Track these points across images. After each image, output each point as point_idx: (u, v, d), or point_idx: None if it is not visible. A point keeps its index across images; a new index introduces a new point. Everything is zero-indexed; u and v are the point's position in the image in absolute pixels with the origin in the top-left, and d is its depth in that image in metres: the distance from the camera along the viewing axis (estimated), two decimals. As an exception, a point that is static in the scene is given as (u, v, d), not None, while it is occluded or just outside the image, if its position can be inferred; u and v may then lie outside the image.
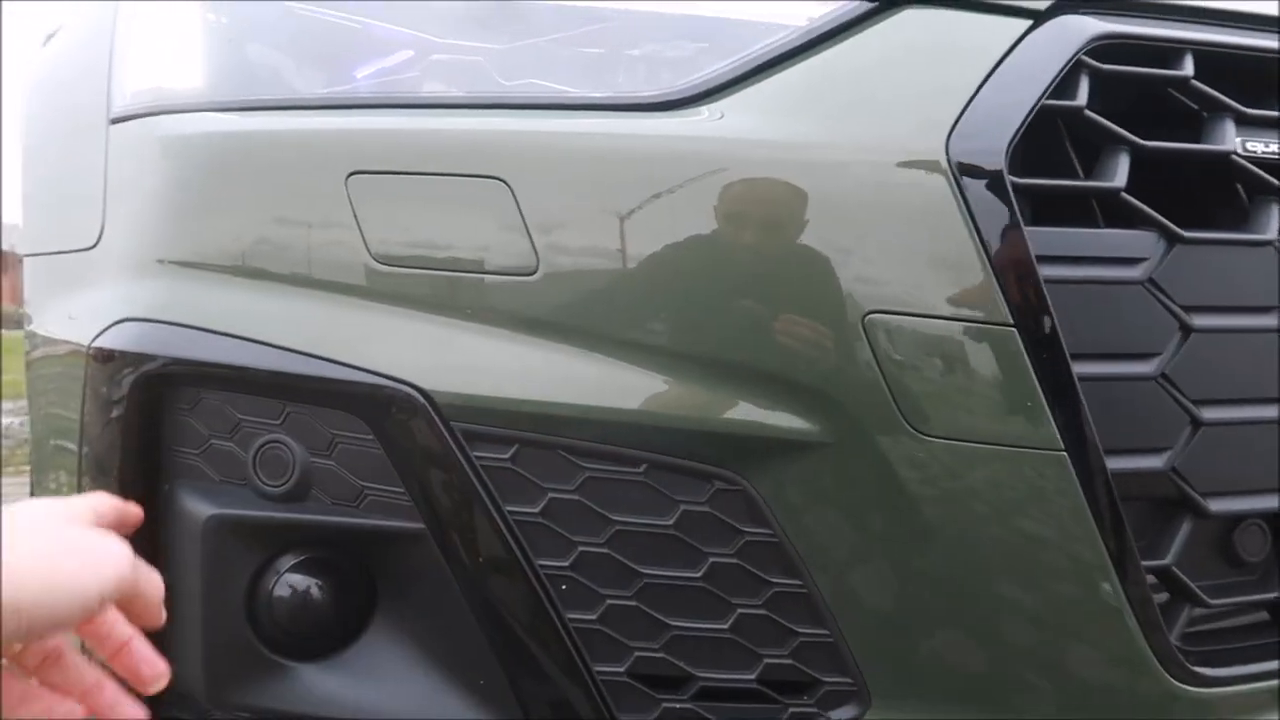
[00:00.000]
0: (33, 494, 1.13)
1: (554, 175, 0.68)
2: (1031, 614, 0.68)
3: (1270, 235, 0.72)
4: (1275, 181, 0.73)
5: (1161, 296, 0.69)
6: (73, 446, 0.83)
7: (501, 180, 0.68)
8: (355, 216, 0.70)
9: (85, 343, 0.79)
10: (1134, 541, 0.67)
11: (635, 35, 0.81)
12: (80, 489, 0.82)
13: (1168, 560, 0.69)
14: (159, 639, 0.78)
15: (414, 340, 0.69)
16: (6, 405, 6.59)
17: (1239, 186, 0.76)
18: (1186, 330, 0.69)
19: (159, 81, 0.85)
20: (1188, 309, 0.69)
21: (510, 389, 0.67)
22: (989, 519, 0.66)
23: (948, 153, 0.66)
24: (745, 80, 0.70)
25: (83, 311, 0.83)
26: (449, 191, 0.69)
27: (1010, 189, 0.66)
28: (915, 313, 0.65)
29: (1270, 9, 0.81)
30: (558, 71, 0.79)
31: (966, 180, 0.65)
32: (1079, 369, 0.66)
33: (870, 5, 0.75)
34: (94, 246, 0.85)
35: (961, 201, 0.65)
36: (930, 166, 0.66)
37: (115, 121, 0.86)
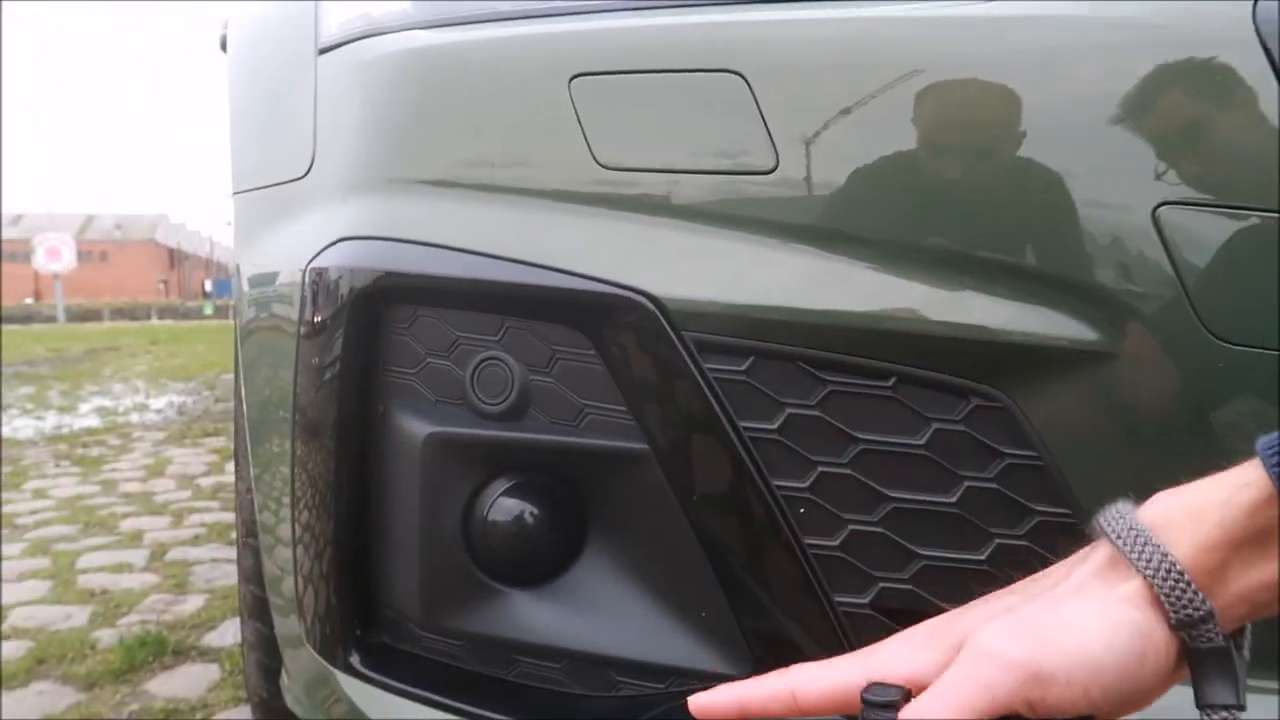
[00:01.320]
0: (237, 444, 1.16)
1: (794, 66, 0.62)
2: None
3: None
4: None
5: None
6: (289, 376, 0.83)
7: (738, 74, 0.63)
8: (579, 121, 0.67)
9: (301, 266, 0.79)
10: None
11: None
12: (294, 433, 0.82)
13: None
14: (370, 555, 0.78)
15: (642, 246, 0.65)
16: (178, 386, 7.04)
17: None
18: None
19: (366, 8, 0.84)
20: None
21: (746, 295, 0.63)
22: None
23: (1255, 19, 0.57)
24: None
25: (296, 239, 0.83)
26: (679, 90, 0.65)
27: (1332, 61, 0.56)
28: (1216, 204, 0.57)
29: None
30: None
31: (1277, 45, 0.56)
32: None
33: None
34: (305, 175, 0.85)
35: (1274, 70, 0.56)
36: (1236, 37, 0.57)
37: (323, 51, 0.86)
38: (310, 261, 0.78)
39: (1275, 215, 0.56)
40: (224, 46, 1.35)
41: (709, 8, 0.68)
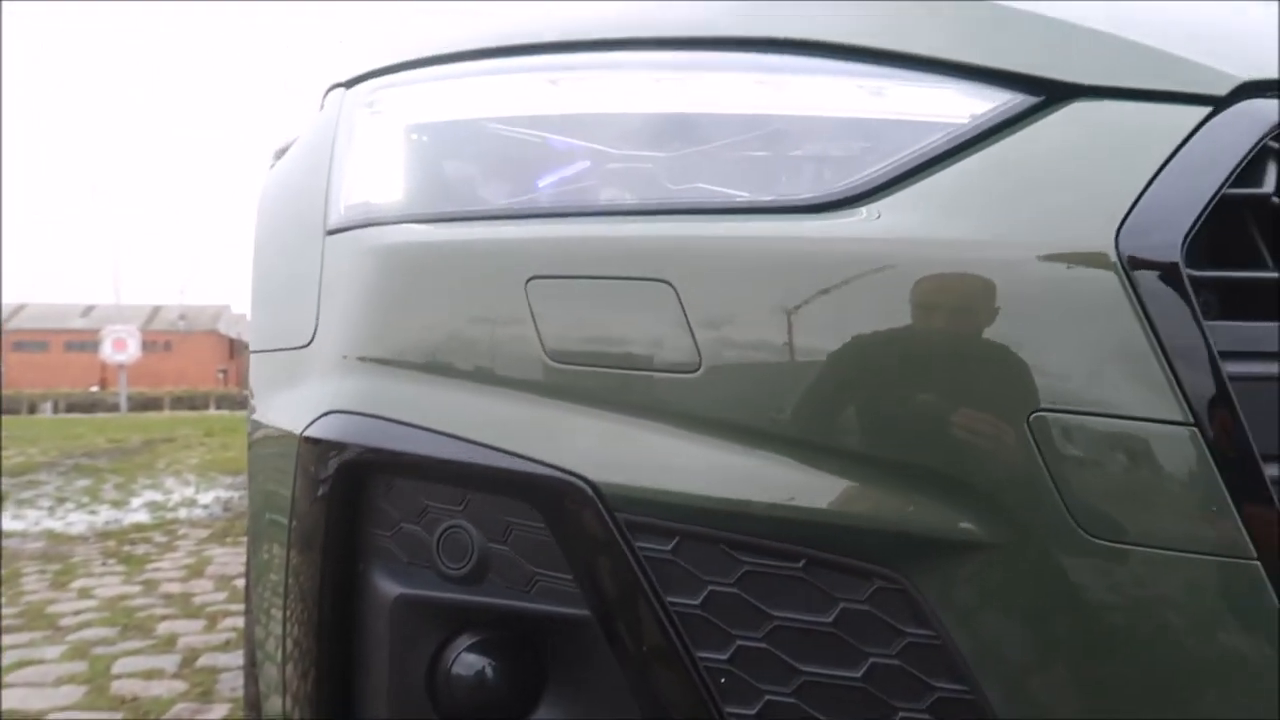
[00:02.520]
0: (249, 561, 1.25)
1: (715, 277, 0.71)
2: (1229, 737, 0.63)
3: None
4: None
5: (1368, 394, 0.64)
6: (284, 521, 0.91)
7: (666, 282, 0.71)
8: (533, 318, 0.76)
9: (297, 431, 0.88)
10: (1347, 662, 0.61)
11: (799, 138, 0.84)
12: (289, 561, 0.90)
13: (1390, 685, 0.63)
14: (349, 701, 0.85)
15: (584, 434, 0.73)
16: (226, 480, 7.23)
17: None
18: (1400, 430, 0.63)
19: (368, 196, 0.95)
20: (1401, 407, 0.64)
21: (673, 482, 0.70)
22: (1170, 632, 0.62)
23: (1118, 247, 0.64)
24: (903, 181, 0.72)
25: (296, 403, 0.93)
26: (617, 294, 0.73)
27: (1187, 282, 0.63)
28: (1085, 411, 0.63)
29: None
30: (723, 175, 0.83)
31: (1139, 275, 0.64)
32: (1272, 471, 0.62)
33: (1035, 100, 0.75)
34: (308, 345, 0.95)
35: (1134, 296, 0.63)
36: (1099, 261, 0.64)
37: (331, 233, 0.96)
38: (305, 429, 0.87)
39: (1137, 421, 0.63)
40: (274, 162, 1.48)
41: (645, 218, 0.77)
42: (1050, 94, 0.75)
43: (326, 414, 0.85)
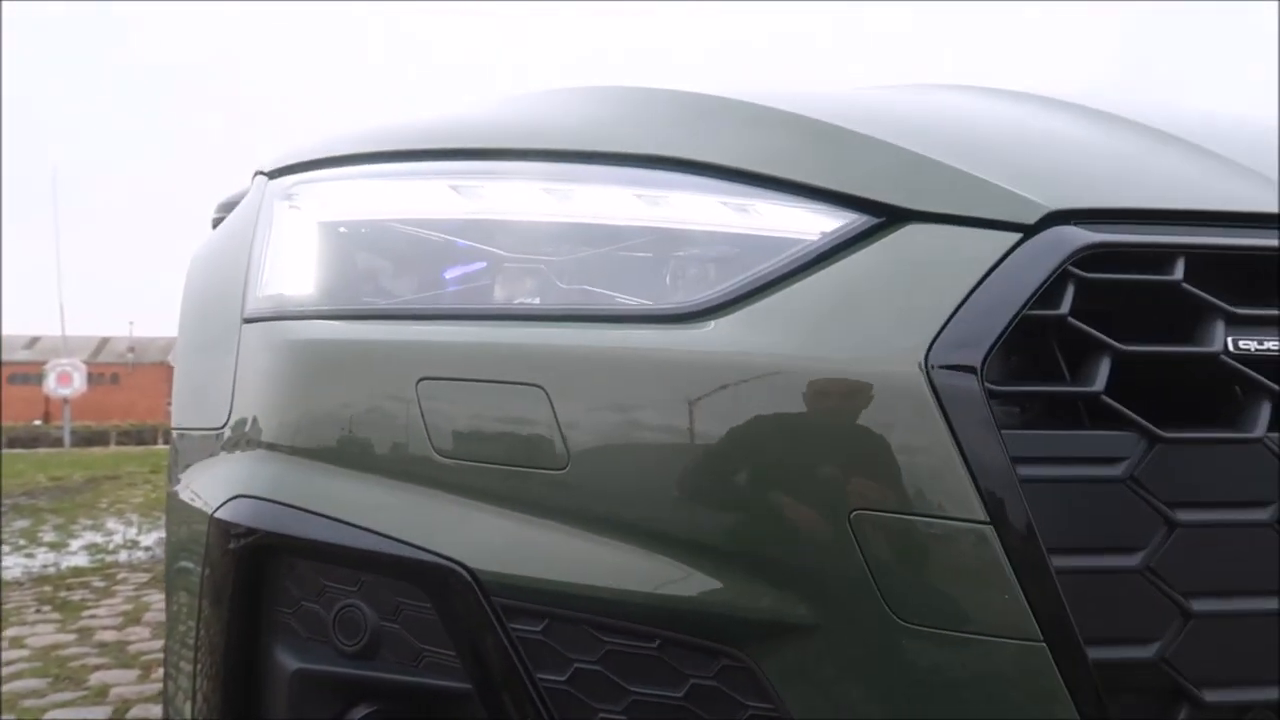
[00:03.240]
0: (168, 606, 1.29)
1: (581, 381, 0.79)
2: (1027, 799, 0.71)
3: (1257, 433, 0.75)
4: (1263, 379, 0.77)
5: (1143, 493, 0.73)
6: (196, 574, 0.97)
7: (539, 386, 0.79)
8: (422, 415, 0.83)
9: (209, 512, 0.94)
10: (1123, 732, 0.70)
11: (675, 246, 0.93)
12: (198, 635, 0.96)
13: (1164, 751, 0.72)
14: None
15: (465, 524, 0.80)
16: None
17: (1236, 387, 0.80)
18: (1171, 524, 0.73)
19: (281, 288, 1.02)
20: (1172, 504, 0.73)
21: (543, 570, 0.77)
22: (974, 707, 0.71)
23: (927, 363, 0.73)
24: (752, 296, 0.81)
25: (210, 483, 0.99)
26: (497, 395, 0.81)
27: (985, 395, 0.73)
28: (897, 511, 0.72)
29: (1270, 207, 0.86)
30: (606, 277, 0.91)
31: (944, 387, 0.73)
32: (1059, 562, 0.71)
33: (876, 220, 0.85)
34: (222, 428, 1.01)
35: (939, 408, 0.72)
36: (911, 375, 0.73)
37: (247, 321, 1.03)
38: (215, 510, 0.94)
39: (941, 520, 0.71)
40: (214, 227, 1.53)
41: (525, 324, 0.85)
42: (889, 216, 0.84)
43: (235, 497, 0.92)
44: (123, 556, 5.55)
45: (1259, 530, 0.75)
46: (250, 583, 0.90)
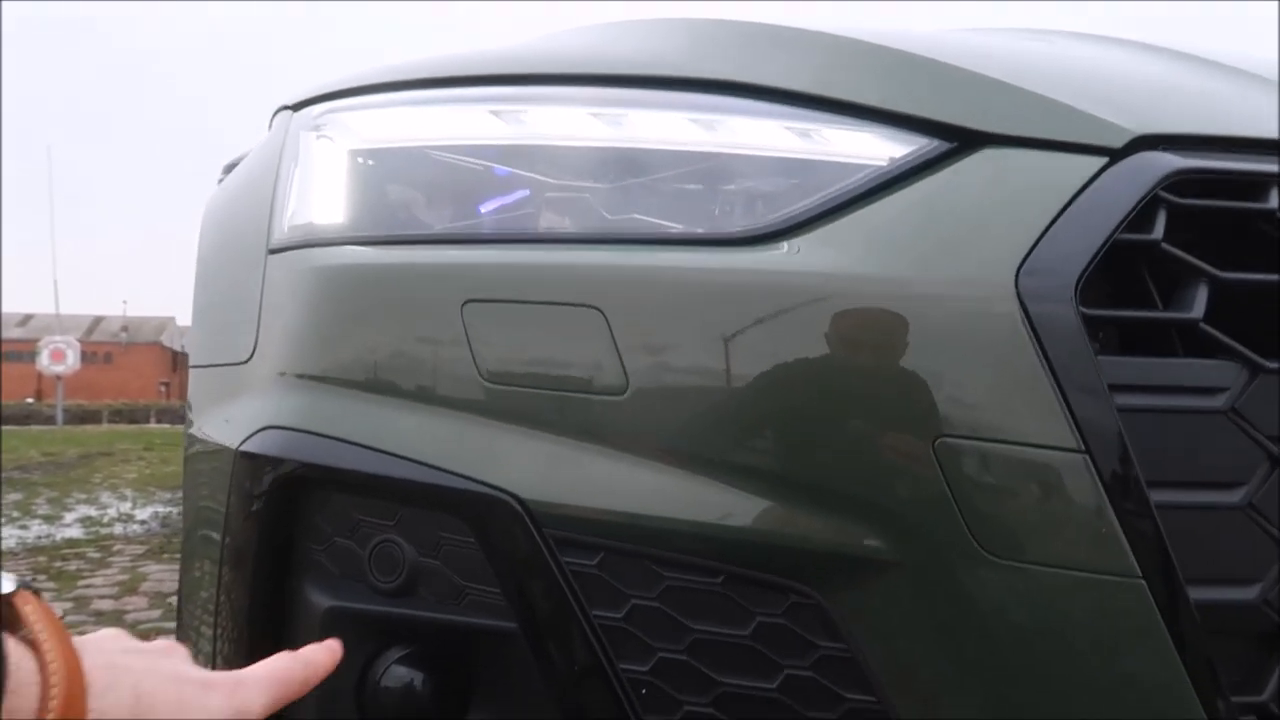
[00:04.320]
0: (181, 578, 1.25)
1: (643, 304, 0.74)
2: (1116, 747, 0.67)
3: (1362, 365, 0.71)
4: (1366, 311, 0.72)
5: (1246, 425, 0.69)
6: (217, 536, 0.92)
7: (596, 308, 0.74)
8: (468, 340, 0.78)
9: (234, 446, 0.89)
10: (1223, 675, 0.66)
11: (731, 174, 0.88)
12: (220, 578, 0.91)
13: (1264, 697, 0.67)
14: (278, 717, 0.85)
15: (515, 452, 0.75)
16: (165, 495, 7.09)
17: (1332, 316, 0.75)
18: (1275, 460, 0.69)
19: (311, 217, 0.97)
20: (1275, 439, 0.69)
21: (599, 500, 0.72)
22: (1067, 647, 0.66)
23: (1017, 286, 0.69)
24: (825, 218, 0.76)
25: (234, 418, 0.94)
26: (549, 318, 0.76)
27: (1080, 320, 0.68)
28: (986, 437, 0.67)
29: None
30: (657, 207, 0.86)
31: (1036, 312, 0.68)
32: (1158, 496, 0.66)
33: (949, 145, 0.80)
34: (247, 361, 0.96)
35: (1031, 332, 0.67)
36: (1000, 299, 0.69)
37: (273, 252, 0.98)
38: (241, 443, 0.88)
39: (1034, 448, 0.67)
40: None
41: (580, 247, 0.80)
42: (962, 141, 0.79)
43: (263, 429, 0.87)
44: (118, 529, 5.50)
45: (1365, 468, 0.70)
46: (279, 519, 0.85)
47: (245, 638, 0.84)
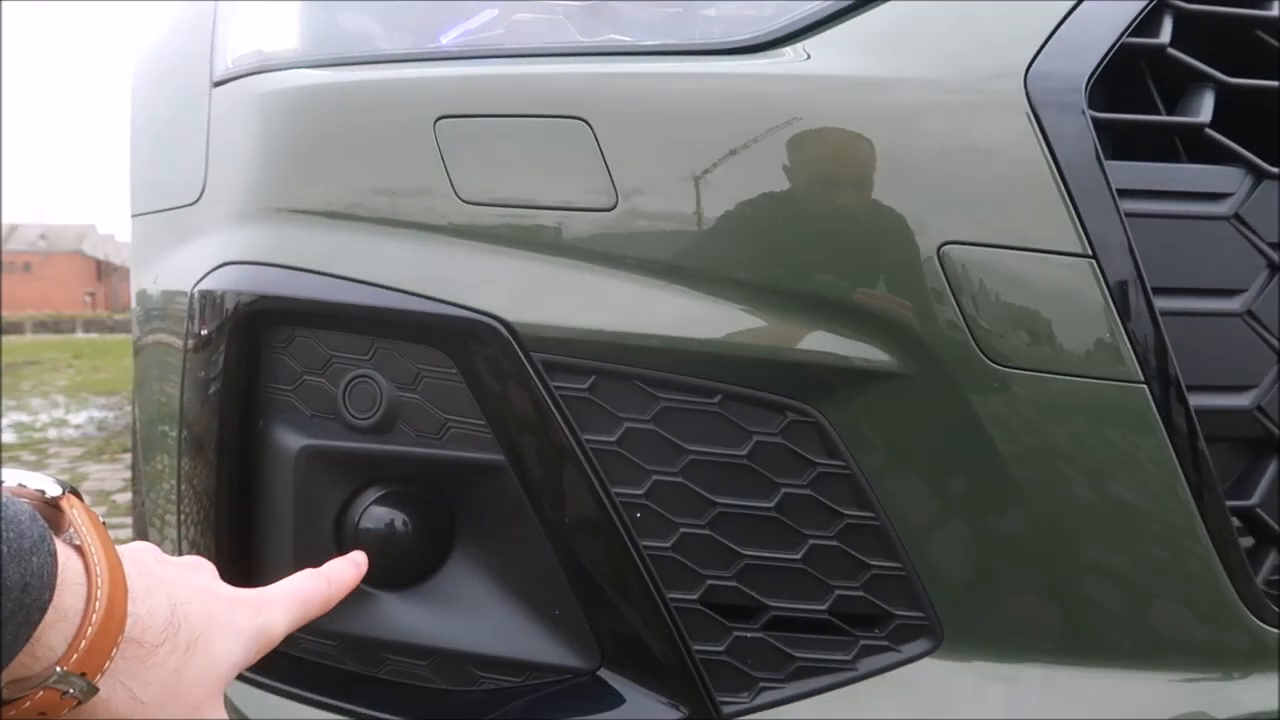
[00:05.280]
0: (134, 460, 1.19)
1: (633, 115, 0.70)
2: (1111, 552, 0.67)
3: (1365, 173, 0.70)
4: (1370, 119, 0.71)
5: (1248, 232, 0.68)
6: (175, 407, 0.87)
7: (583, 120, 0.70)
8: (443, 159, 0.73)
9: (189, 288, 0.84)
10: (1218, 480, 0.66)
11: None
12: (180, 440, 0.86)
13: (1253, 501, 0.68)
14: (250, 565, 0.82)
15: (498, 275, 0.71)
16: (99, 401, 6.90)
17: (1331, 127, 0.74)
18: (1274, 267, 0.68)
19: (258, 45, 0.90)
20: (1276, 246, 0.68)
21: (588, 320, 0.69)
22: (1067, 454, 0.66)
23: (1026, 87, 0.66)
24: (827, 22, 0.71)
25: (186, 261, 0.88)
26: (531, 132, 0.71)
27: (1089, 122, 0.65)
28: (992, 243, 0.65)
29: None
30: (635, 28, 0.81)
31: (1045, 113, 0.65)
32: (1161, 303, 0.65)
33: (952, -50, 0.76)
34: (196, 202, 0.89)
35: (1040, 134, 0.65)
36: (1008, 100, 0.66)
37: (218, 84, 0.90)
38: (197, 284, 0.83)
39: (1040, 254, 0.65)
40: None
41: (559, 59, 0.75)
42: (966, -59, 0.75)
43: (221, 265, 0.81)
44: (52, 434, 5.35)
45: (1360, 276, 0.70)
46: (244, 361, 0.80)
47: (214, 480, 0.80)
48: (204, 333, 0.82)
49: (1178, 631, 0.68)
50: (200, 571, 0.57)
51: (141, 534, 1.08)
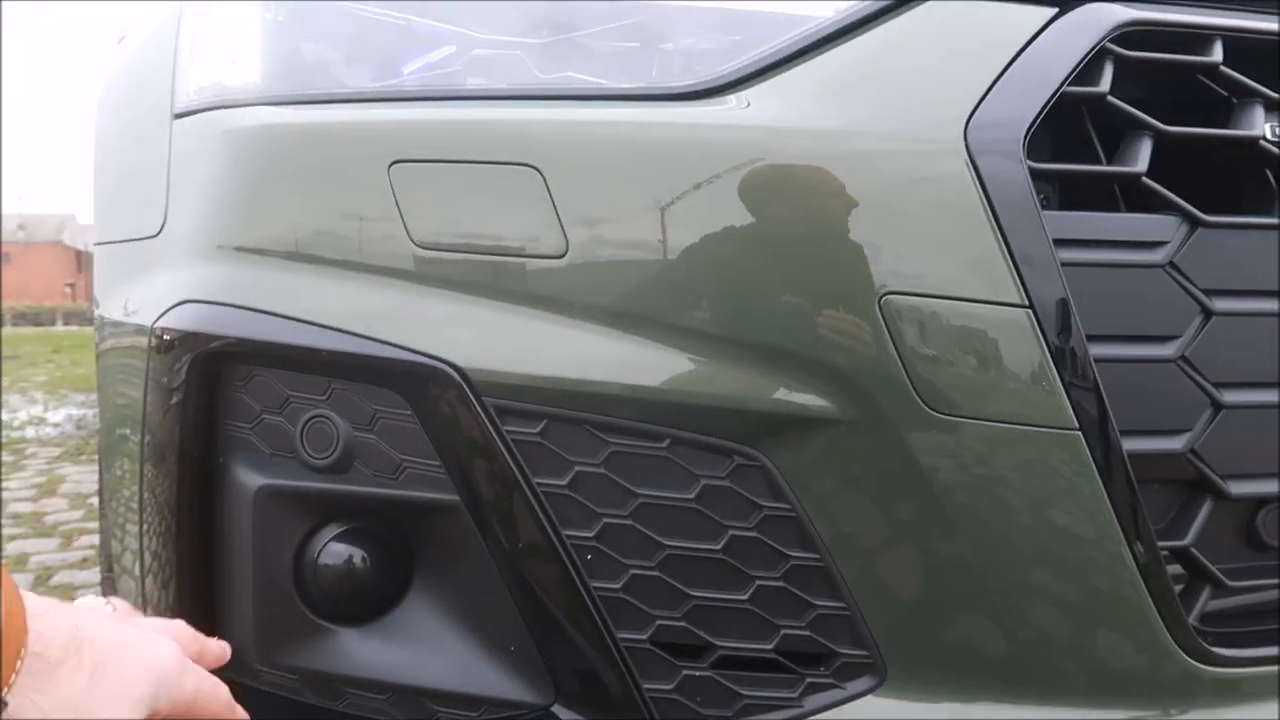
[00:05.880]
0: (101, 477, 1.20)
1: (583, 162, 0.71)
2: (1047, 594, 0.69)
3: (1295, 219, 0.72)
4: (1303, 166, 0.73)
5: (1182, 280, 0.69)
6: (137, 426, 0.88)
7: (533, 167, 0.71)
8: (397, 203, 0.74)
9: (149, 324, 0.84)
10: (1150, 522, 0.68)
11: (670, 29, 0.84)
12: (141, 472, 0.87)
13: (1186, 541, 0.70)
14: (214, 603, 0.83)
15: (451, 320, 0.72)
16: (78, 398, 6.86)
17: (1268, 172, 0.76)
18: (1207, 313, 0.70)
19: (219, 78, 0.90)
20: (1209, 292, 0.70)
21: (540, 367, 0.70)
22: (1005, 498, 0.68)
23: (965, 139, 0.67)
24: (770, 70, 0.73)
25: (147, 295, 0.88)
26: (484, 179, 0.72)
27: (1027, 173, 0.67)
28: (931, 294, 0.66)
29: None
30: (593, 65, 0.82)
31: (983, 165, 0.67)
32: (1096, 350, 0.67)
33: (893, -4, 0.77)
34: (157, 235, 0.90)
35: (978, 186, 0.66)
36: (948, 152, 0.67)
37: (179, 116, 0.91)
38: (157, 320, 0.84)
39: (978, 304, 0.67)
40: None
41: (513, 103, 0.76)
42: (908, -9, 0.76)
43: (180, 304, 0.82)
44: (30, 433, 5.32)
45: (1291, 321, 0.72)
46: (203, 398, 0.80)
47: (174, 525, 0.81)
48: (163, 370, 0.82)
49: (1115, 671, 0.70)
50: (134, 623, 0.58)
51: (109, 557, 1.09)
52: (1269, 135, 0.73)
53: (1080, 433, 0.66)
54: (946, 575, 0.70)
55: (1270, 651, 0.73)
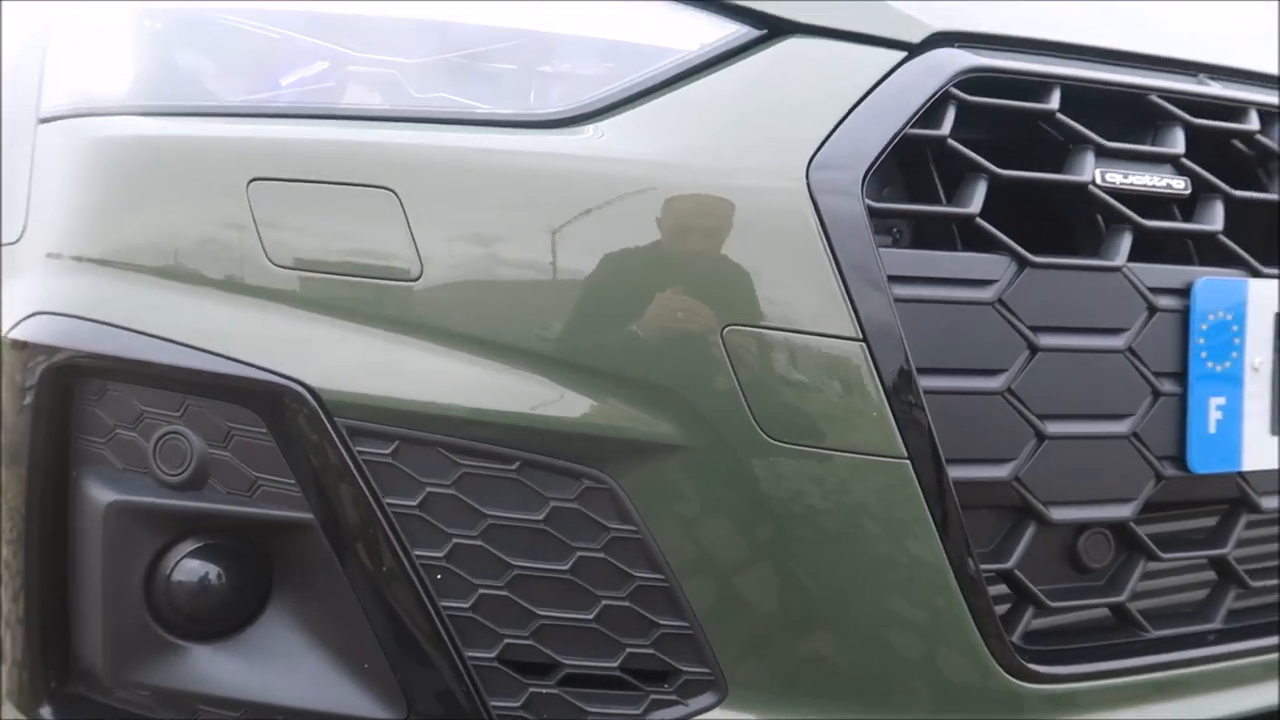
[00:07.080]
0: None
1: (438, 186, 0.72)
2: (881, 614, 0.73)
3: (1118, 261, 0.76)
4: (1126, 210, 0.77)
5: (1010, 316, 0.73)
6: None
7: (390, 190, 0.72)
8: (254, 220, 0.74)
9: (2, 334, 0.83)
10: (972, 545, 0.72)
11: (543, 55, 0.85)
12: None
13: (1010, 564, 0.74)
14: (66, 619, 0.82)
15: (305, 340, 0.73)
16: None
17: (1098, 216, 0.80)
18: (1033, 349, 0.74)
19: (87, 84, 0.89)
20: (1036, 329, 0.74)
21: (392, 388, 0.71)
22: (840, 523, 0.71)
23: (808, 177, 0.70)
24: (628, 102, 0.75)
25: (4, 302, 0.87)
26: (341, 199, 0.73)
27: (865, 212, 0.70)
28: (771, 326, 0.69)
29: (1138, 46, 0.86)
30: (466, 86, 0.83)
31: (823, 203, 0.70)
32: (927, 382, 0.70)
33: (757, 33, 0.80)
34: (17, 241, 0.88)
35: (818, 223, 0.69)
36: (791, 190, 0.70)
37: (43, 121, 0.89)
38: (9, 331, 0.82)
39: (815, 336, 0.69)
40: None
41: (373, 124, 0.76)
42: (771, 29, 0.79)
43: (34, 315, 0.81)
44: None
45: (1112, 356, 0.76)
46: (55, 411, 0.79)
47: (24, 535, 0.80)
48: (16, 381, 0.81)
49: (946, 686, 0.74)
50: None
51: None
52: (1097, 180, 0.78)
53: (909, 461, 0.70)
54: (785, 596, 0.72)
55: (1094, 667, 0.78)
